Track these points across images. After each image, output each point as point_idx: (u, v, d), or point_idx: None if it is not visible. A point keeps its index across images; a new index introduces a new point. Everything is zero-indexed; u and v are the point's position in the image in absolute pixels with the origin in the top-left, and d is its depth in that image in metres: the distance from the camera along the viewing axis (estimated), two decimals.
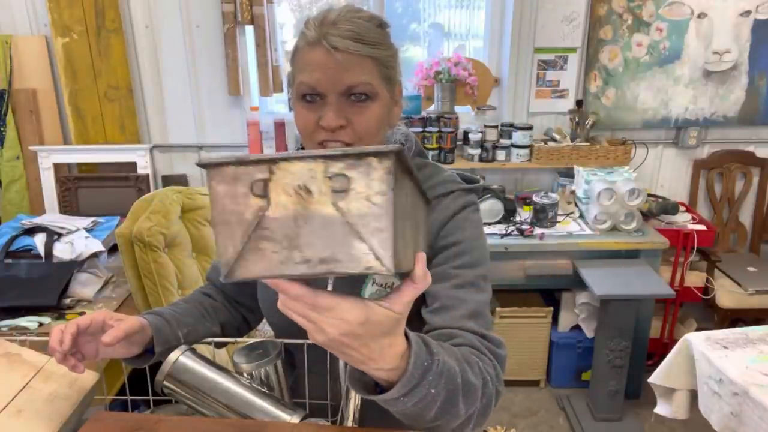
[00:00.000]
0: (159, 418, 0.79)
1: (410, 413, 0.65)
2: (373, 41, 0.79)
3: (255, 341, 0.91)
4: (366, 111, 0.80)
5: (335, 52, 0.77)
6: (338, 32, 0.77)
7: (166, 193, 1.74)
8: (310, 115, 0.81)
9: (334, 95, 0.79)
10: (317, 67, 0.78)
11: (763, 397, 1.27)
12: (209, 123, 2.70)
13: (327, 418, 0.91)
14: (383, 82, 0.82)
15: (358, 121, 0.80)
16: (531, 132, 2.62)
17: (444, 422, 0.69)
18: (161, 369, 0.83)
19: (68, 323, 0.79)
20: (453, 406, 0.67)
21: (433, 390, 0.63)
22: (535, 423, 2.41)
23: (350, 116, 0.80)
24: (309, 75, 0.79)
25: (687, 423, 2.25)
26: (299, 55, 0.82)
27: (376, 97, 0.81)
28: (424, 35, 2.86)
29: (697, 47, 2.60)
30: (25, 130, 2.52)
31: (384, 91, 0.82)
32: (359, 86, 0.79)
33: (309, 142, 0.83)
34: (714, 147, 2.79)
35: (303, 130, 0.83)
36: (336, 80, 0.78)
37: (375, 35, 0.80)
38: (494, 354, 0.79)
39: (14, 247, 1.83)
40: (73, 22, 2.46)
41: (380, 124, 0.83)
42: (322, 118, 0.79)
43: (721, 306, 2.48)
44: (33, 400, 0.77)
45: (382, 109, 0.83)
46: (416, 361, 0.60)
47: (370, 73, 0.80)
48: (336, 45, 0.76)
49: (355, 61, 0.78)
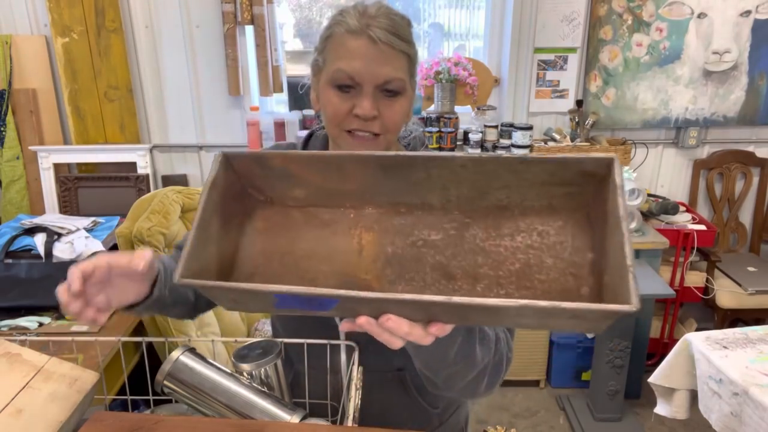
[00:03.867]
0: (159, 418, 0.79)
1: (433, 353, 0.68)
2: (407, 38, 0.83)
3: (255, 341, 0.91)
4: (395, 105, 0.83)
5: (378, 44, 0.79)
6: (380, 25, 0.80)
7: (166, 193, 1.74)
8: (343, 104, 0.82)
9: (371, 86, 0.81)
10: (358, 56, 0.80)
11: (763, 397, 1.27)
12: (209, 123, 2.70)
13: (327, 418, 0.91)
14: (410, 79, 0.86)
15: (387, 115, 0.83)
16: (531, 132, 2.62)
17: (462, 368, 0.72)
18: (161, 369, 0.83)
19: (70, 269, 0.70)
20: (471, 347, 0.70)
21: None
22: (535, 423, 2.41)
23: (381, 108, 0.82)
24: (349, 63, 0.81)
25: (687, 423, 2.25)
26: (337, 42, 0.82)
27: (405, 92, 0.84)
28: (424, 35, 2.86)
29: (697, 47, 2.60)
30: (25, 130, 2.52)
31: (410, 89, 0.86)
32: (394, 81, 0.82)
33: (335, 129, 0.85)
34: (714, 147, 2.79)
35: (333, 117, 0.84)
36: (375, 72, 0.80)
37: (408, 33, 0.84)
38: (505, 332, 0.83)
39: (14, 247, 1.82)
40: (73, 22, 2.46)
41: (404, 119, 0.86)
42: (357, 106, 0.81)
43: (721, 306, 2.48)
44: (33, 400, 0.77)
45: (408, 105, 0.86)
46: None
47: (403, 69, 0.83)
48: (380, 37, 0.79)
49: (393, 55, 0.81)
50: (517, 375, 2.60)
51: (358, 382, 0.81)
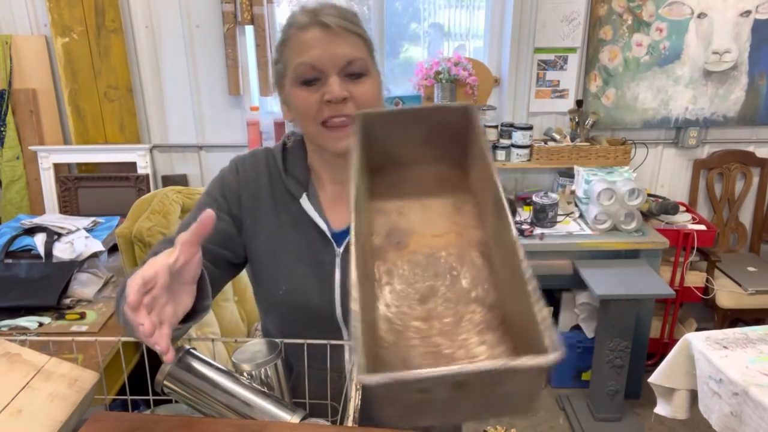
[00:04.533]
0: (159, 418, 0.79)
1: None
2: (358, 23, 0.85)
3: (255, 341, 0.91)
4: (364, 85, 0.84)
5: (330, 29, 0.81)
6: (329, 12, 0.82)
7: (166, 193, 1.74)
8: (312, 96, 0.83)
9: (334, 69, 0.82)
10: (315, 45, 0.82)
11: (763, 397, 1.27)
12: (209, 123, 2.70)
13: (327, 418, 0.91)
14: (372, 61, 0.87)
15: (358, 94, 0.83)
16: (531, 132, 2.62)
17: None
18: (161, 369, 0.83)
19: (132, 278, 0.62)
20: None
21: None
22: (535, 423, 2.41)
23: (351, 90, 0.83)
24: (308, 54, 0.82)
25: (687, 423, 2.26)
26: (291, 42, 0.85)
27: (370, 73, 0.85)
28: (424, 35, 2.86)
29: (697, 47, 2.60)
30: (25, 130, 2.52)
31: (375, 70, 0.87)
32: (357, 61, 0.83)
33: (311, 124, 0.85)
34: (714, 147, 2.79)
35: (305, 112, 0.84)
36: (334, 55, 0.81)
37: (358, 20, 0.86)
38: None
39: (14, 247, 1.83)
40: (73, 22, 2.46)
41: (377, 100, 0.86)
42: (327, 92, 0.81)
43: (721, 306, 2.48)
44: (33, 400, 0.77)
45: (377, 86, 0.87)
46: None
47: (362, 50, 0.84)
48: (329, 22, 0.81)
49: (348, 37, 0.83)
50: None
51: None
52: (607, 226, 2.35)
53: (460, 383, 0.45)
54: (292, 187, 0.93)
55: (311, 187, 0.95)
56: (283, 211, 0.93)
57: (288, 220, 0.93)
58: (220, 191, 0.95)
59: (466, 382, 0.44)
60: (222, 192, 0.95)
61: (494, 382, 0.45)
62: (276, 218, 0.93)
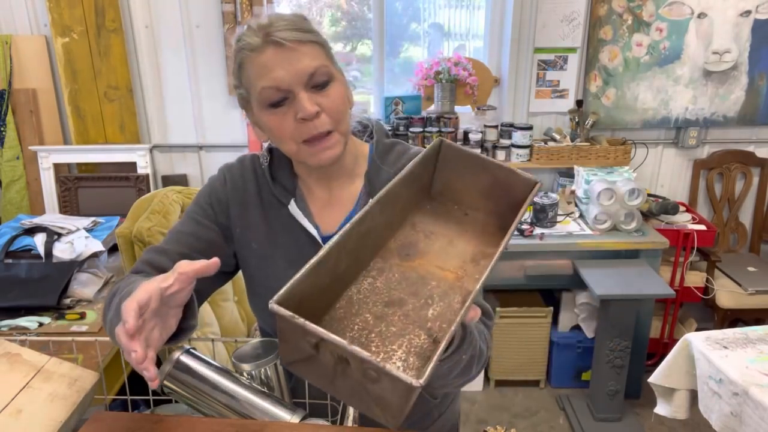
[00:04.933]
0: (159, 418, 0.79)
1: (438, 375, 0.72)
2: (310, 29, 0.83)
3: (255, 341, 0.91)
4: (332, 93, 0.83)
5: (284, 47, 0.79)
6: (278, 28, 0.80)
7: (166, 193, 1.74)
8: (284, 118, 0.82)
9: (300, 86, 0.80)
10: (273, 66, 0.79)
11: (763, 397, 1.27)
12: (209, 123, 2.70)
13: (327, 418, 0.91)
14: (333, 64, 0.85)
15: (328, 106, 0.82)
16: (531, 132, 2.62)
17: (457, 383, 0.78)
18: (161, 369, 0.83)
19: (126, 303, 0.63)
20: (469, 369, 0.75)
21: (464, 356, 0.70)
22: (535, 423, 2.41)
23: (320, 101, 0.81)
24: (269, 77, 0.80)
25: (687, 423, 2.26)
26: (248, 65, 0.82)
27: (334, 78, 0.84)
28: (424, 35, 2.86)
29: (697, 47, 2.60)
30: (25, 130, 2.52)
31: (337, 73, 0.85)
32: (319, 69, 0.81)
33: (292, 145, 0.84)
34: (714, 147, 2.79)
35: (281, 135, 0.83)
36: (297, 71, 0.80)
37: (307, 25, 0.83)
38: (487, 325, 0.86)
39: (14, 247, 1.83)
40: (73, 22, 2.46)
41: (346, 103, 0.86)
42: (299, 111, 0.80)
43: (721, 306, 2.48)
44: (33, 400, 0.77)
45: (343, 90, 0.85)
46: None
47: (321, 57, 0.82)
48: (284, 37, 0.79)
49: (304, 49, 0.80)
50: (517, 375, 2.60)
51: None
52: (607, 226, 2.35)
53: (342, 358, 0.51)
54: (280, 194, 0.93)
55: (299, 193, 0.95)
56: (273, 217, 0.93)
57: (278, 226, 0.93)
58: (207, 200, 0.96)
59: (347, 360, 0.51)
60: (209, 200, 0.95)
61: (369, 376, 0.51)
62: (266, 225, 0.93)
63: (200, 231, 0.94)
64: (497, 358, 2.57)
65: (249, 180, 0.95)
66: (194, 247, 0.93)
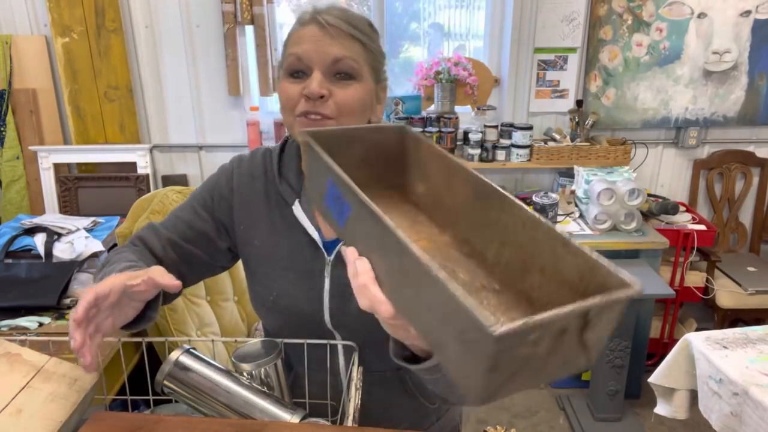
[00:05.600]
0: (159, 418, 0.79)
1: (444, 382, 0.69)
2: (363, 30, 0.84)
3: (255, 341, 0.91)
4: (349, 88, 0.82)
5: (327, 27, 0.81)
6: (330, 13, 0.82)
7: (166, 193, 1.74)
8: (294, 88, 0.82)
9: (321, 66, 0.81)
10: (307, 39, 0.82)
11: (763, 397, 1.27)
12: (209, 123, 2.70)
13: (327, 418, 0.91)
14: (369, 69, 0.85)
15: (339, 95, 0.82)
16: (531, 132, 2.62)
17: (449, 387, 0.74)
18: (161, 369, 0.83)
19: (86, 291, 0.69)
20: None
21: None
22: (535, 423, 2.41)
23: (333, 89, 0.82)
24: (299, 47, 0.82)
25: (687, 423, 2.26)
26: (291, 36, 0.85)
27: (361, 78, 0.83)
28: (424, 35, 2.86)
29: (697, 47, 2.60)
30: (25, 130, 2.52)
31: (369, 79, 0.85)
32: (345, 60, 0.81)
33: (289, 115, 0.85)
34: (714, 147, 2.79)
35: (286, 103, 0.84)
36: (323, 52, 0.81)
37: (365, 28, 0.84)
38: None
39: (14, 247, 1.83)
40: (73, 22, 2.46)
41: (362, 106, 0.84)
42: (306, 87, 0.81)
43: (721, 306, 2.48)
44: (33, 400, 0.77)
45: (365, 94, 0.84)
46: None
47: (357, 53, 0.83)
48: (328, 21, 0.81)
49: (344, 37, 0.81)
50: None
51: (358, 382, 0.81)
52: (607, 226, 2.35)
53: (563, 329, 0.41)
54: (285, 192, 0.93)
55: (304, 193, 0.94)
56: (278, 215, 0.93)
57: (282, 225, 0.93)
58: (210, 192, 0.97)
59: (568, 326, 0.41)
60: (212, 193, 0.97)
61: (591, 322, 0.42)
62: (270, 223, 0.93)
63: (195, 221, 0.95)
64: None
65: (258, 176, 0.95)
66: (186, 236, 0.95)
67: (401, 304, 0.51)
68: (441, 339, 0.45)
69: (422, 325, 0.48)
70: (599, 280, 0.47)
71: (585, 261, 0.48)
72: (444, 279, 0.42)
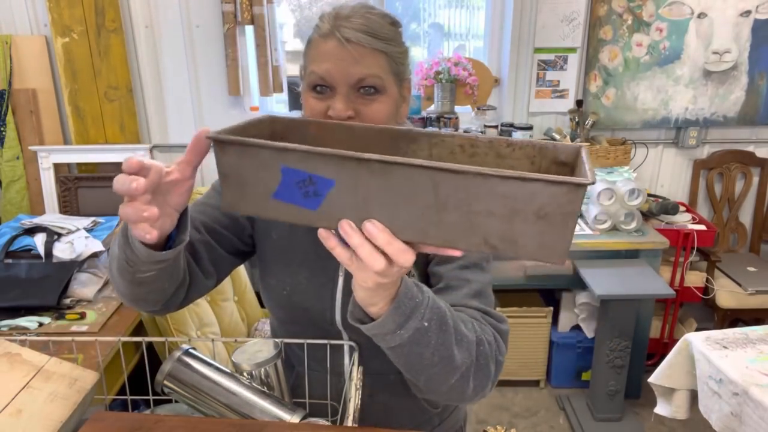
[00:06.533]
0: (159, 418, 0.79)
1: (409, 353, 0.68)
2: (385, 37, 0.81)
3: (255, 341, 0.91)
4: (374, 104, 0.82)
5: (347, 44, 0.78)
6: (351, 25, 0.79)
7: None
8: (319, 105, 0.82)
9: (344, 86, 0.80)
10: (329, 58, 0.80)
11: (763, 397, 1.27)
12: (209, 123, 2.70)
13: (327, 418, 0.91)
14: (393, 77, 0.83)
15: (365, 113, 0.81)
16: (531, 132, 2.62)
17: (441, 370, 0.71)
18: (161, 369, 0.83)
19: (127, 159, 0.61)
20: (447, 348, 0.70)
21: (426, 323, 0.66)
22: (535, 423, 2.41)
23: (358, 107, 0.81)
24: (319, 65, 0.80)
25: (687, 423, 2.25)
26: (312, 47, 0.83)
27: (385, 91, 0.82)
28: (424, 35, 2.86)
29: (697, 47, 2.60)
30: (25, 130, 2.52)
31: (393, 87, 0.84)
32: (369, 78, 0.80)
33: None
34: (714, 147, 2.79)
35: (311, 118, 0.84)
36: (346, 72, 0.79)
37: (387, 32, 0.82)
38: (495, 327, 0.81)
39: (14, 247, 1.83)
40: (73, 22, 2.46)
41: (387, 118, 0.84)
42: (331, 108, 0.80)
43: (721, 306, 2.48)
44: (33, 400, 0.77)
45: (391, 104, 0.84)
46: (406, 292, 0.65)
47: (381, 67, 0.81)
48: (348, 37, 0.78)
49: (366, 53, 0.79)
50: (517, 375, 2.60)
51: (358, 382, 0.81)
52: (607, 226, 2.35)
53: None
54: None
55: None
56: None
57: None
58: None
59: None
60: None
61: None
62: None
63: None
64: None
65: None
66: (219, 220, 0.91)
67: (438, 239, 0.53)
68: (509, 235, 0.50)
69: (478, 237, 0.51)
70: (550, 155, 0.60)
71: (531, 146, 0.61)
72: (516, 173, 0.47)
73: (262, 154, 0.54)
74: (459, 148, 0.63)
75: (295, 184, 0.54)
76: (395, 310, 0.64)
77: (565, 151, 0.60)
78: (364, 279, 0.59)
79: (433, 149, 0.64)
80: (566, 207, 0.48)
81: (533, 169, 0.61)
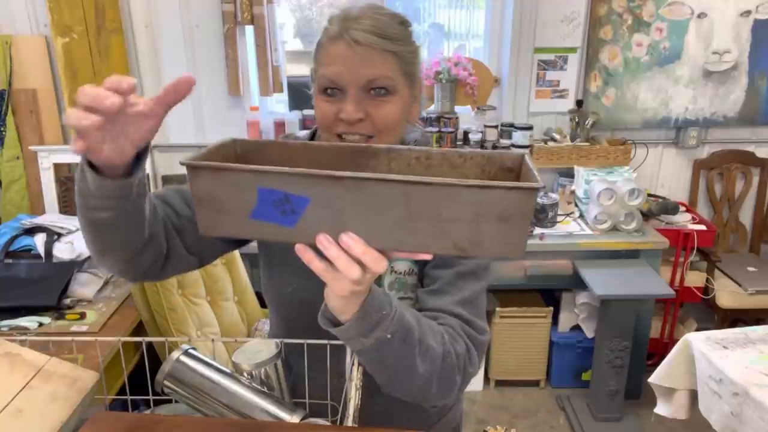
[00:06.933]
0: (159, 418, 0.79)
1: (368, 359, 0.72)
2: (394, 37, 0.81)
3: (255, 341, 0.91)
4: (385, 105, 0.81)
5: (356, 46, 0.78)
6: (360, 27, 0.79)
7: None
8: (330, 108, 0.82)
9: (355, 88, 0.80)
10: (338, 60, 0.80)
11: (763, 397, 1.27)
12: (209, 123, 2.70)
13: (327, 418, 0.91)
14: (404, 78, 0.83)
15: (377, 115, 0.81)
16: (531, 132, 2.62)
17: (403, 376, 0.73)
18: (161, 369, 0.83)
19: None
20: (409, 359, 0.72)
21: (389, 335, 0.68)
22: (535, 423, 2.41)
23: (369, 109, 0.81)
24: (329, 68, 0.80)
25: (687, 423, 2.25)
26: (321, 50, 0.83)
27: (396, 92, 0.82)
28: (424, 35, 2.86)
29: (697, 47, 2.60)
30: (25, 130, 2.52)
31: (404, 88, 0.84)
32: (379, 80, 0.80)
33: (327, 134, 0.85)
34: (714, 147, 2.79)
35: (322, 121, 0.84)
36: (356, 73, 0.79)
37: (397, 32, 0.82)
38: (471, 337, 0.82)
39: (14, 247, 1.83)
40: (73, 22, 2.46)
41: (399, 119, 0.84)
42: (342, 110, 0.80)
43: (721, 306, 2.48)
44: (33, 400, 0.77)
45: (401, 105, 0.84)
46: (374, 304, 0.66)
47: (391, 68, 0.81)
48: (357, 39, 0.78)
49: (376, 55, 0.79)
50: (517, 375, 2.60)
51: (358, 382, 0.81)
52: (607, 226, 2.35)
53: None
54: None
55: None
56: None
57: None
58: None
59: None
60: None
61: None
62: None
63: None
64: (497, 358, 2.58)
65: None
66: None
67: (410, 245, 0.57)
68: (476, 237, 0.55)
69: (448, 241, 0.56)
70: (497, 163, 0.66)
71: (480, 156, 0.66)
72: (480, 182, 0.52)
73: (238, 177, 0.56)
74: (415, 161, 0.68)
75: (272, 203, 0.57)
76: (360, 320, 0.66)
77: (510, 159, 0.66)
78: (341, 288, 0.61)
79: (391, 162, 0.68)
80: (524, 208, 0.53)
81: (484, 176, 0.67)
